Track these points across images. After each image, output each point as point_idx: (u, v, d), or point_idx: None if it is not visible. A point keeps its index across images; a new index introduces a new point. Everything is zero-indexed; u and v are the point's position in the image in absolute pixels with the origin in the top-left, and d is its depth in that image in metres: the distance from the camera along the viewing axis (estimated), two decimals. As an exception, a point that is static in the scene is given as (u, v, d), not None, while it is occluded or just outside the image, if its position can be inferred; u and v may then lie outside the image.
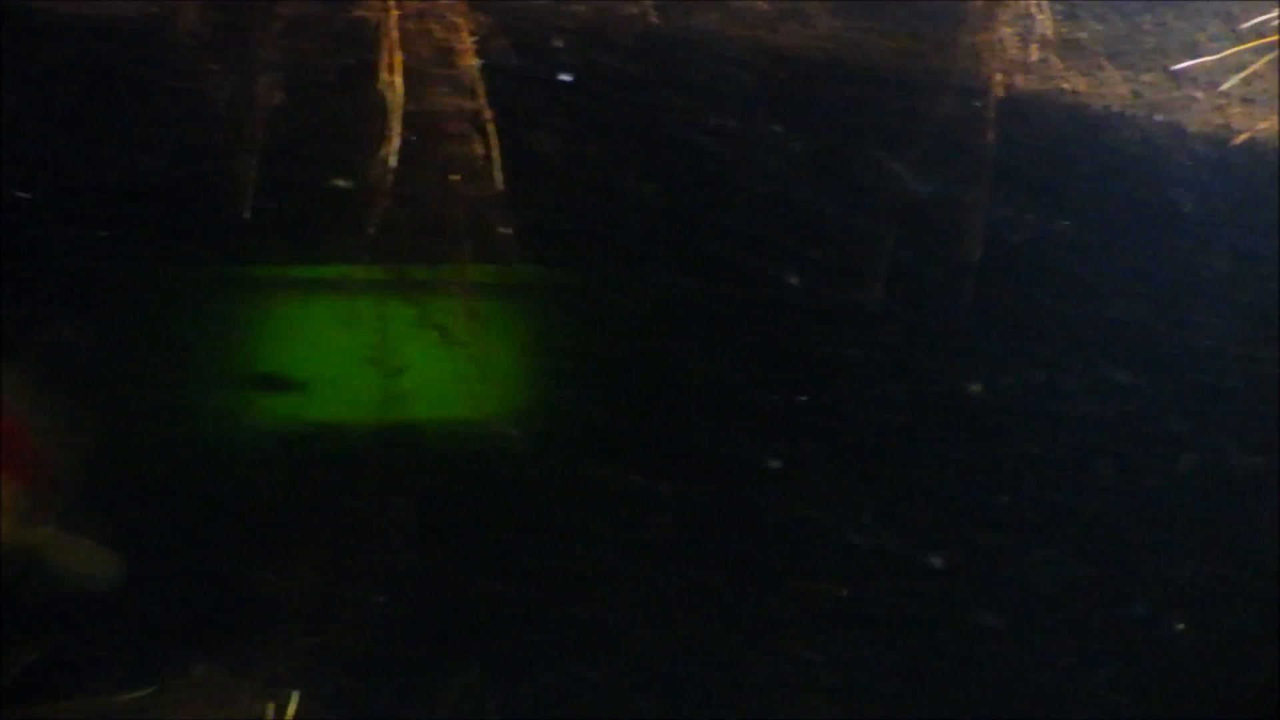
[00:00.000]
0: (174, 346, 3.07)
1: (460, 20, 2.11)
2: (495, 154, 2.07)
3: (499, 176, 2.06)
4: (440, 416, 2.94)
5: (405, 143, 2.01)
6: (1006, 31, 2.58)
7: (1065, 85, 2.60)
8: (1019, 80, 2.59)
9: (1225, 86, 2.63)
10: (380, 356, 2.56)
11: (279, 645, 2.86)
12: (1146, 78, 2.59)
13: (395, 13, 2.02)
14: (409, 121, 2.03)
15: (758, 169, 2.37)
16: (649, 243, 2.42)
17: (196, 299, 2.95)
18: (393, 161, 1.99)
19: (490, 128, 2.07)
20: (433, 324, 2.26)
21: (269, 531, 2.99)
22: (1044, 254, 2.71)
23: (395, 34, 2.02)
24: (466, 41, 2.10)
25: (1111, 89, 2.63)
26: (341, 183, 2.09)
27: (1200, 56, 2.60)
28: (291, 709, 2.66)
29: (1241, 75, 2.62)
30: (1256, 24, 2.62)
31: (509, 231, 2.15)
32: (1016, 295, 2.68)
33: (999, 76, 2.57)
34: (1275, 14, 2.62)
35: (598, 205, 2.35)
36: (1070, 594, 3.08)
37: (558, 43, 2.20)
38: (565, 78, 2.16)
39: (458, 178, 2.08)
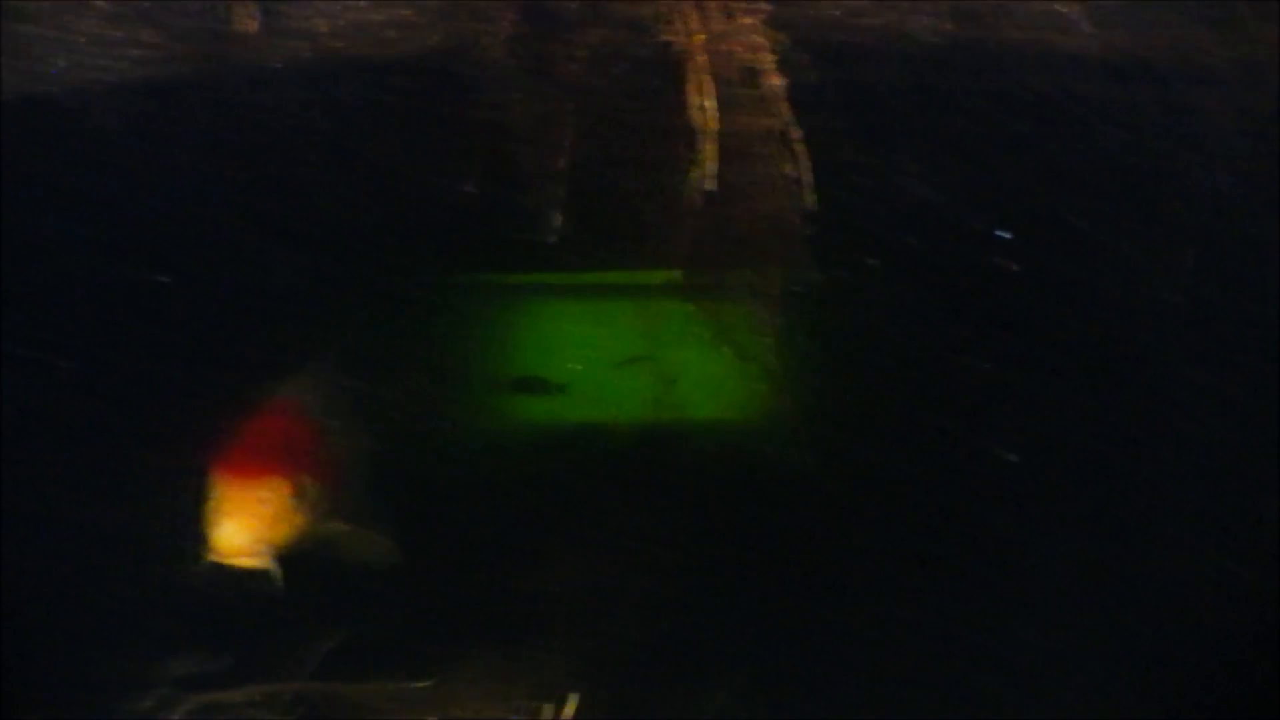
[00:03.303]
0: (473, 354, 3.24)
1: (761, 40, 2.12)
2: (805, 172, 2.07)
3: (809, 195, 2.06)
4: (720, 421, 2.99)
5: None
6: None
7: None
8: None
9: None
10: (664, 362, 2.60)
11: (554, 646, 2.96)
12: None
13: (701, 37, 2.05)
14: (718, 141, 2.05)
15: (1057, 172, 2.29)
16: (944, 249, 2.38)
17: (489, 309, 3.10)
18: (710, 185, 2.02)
19: (799, 147, 2.07)
20: (727, 335, 2.28)
21: (546, 532, 3.10)
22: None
23: (702, 59, 2.04)
24: (768, 61, 2.11)
25: None
26: (652, 206, 2.14)
27: None
28: (569, 711, 2.75)
29: None
30: None
31: (811, 243, 2.15)
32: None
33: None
34: None
35: (895, 212, 2.33)
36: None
37: (854, 56, 2.19)
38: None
39: (766, 195, 2.09)
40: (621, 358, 3.02)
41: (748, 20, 2.11)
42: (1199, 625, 2.96)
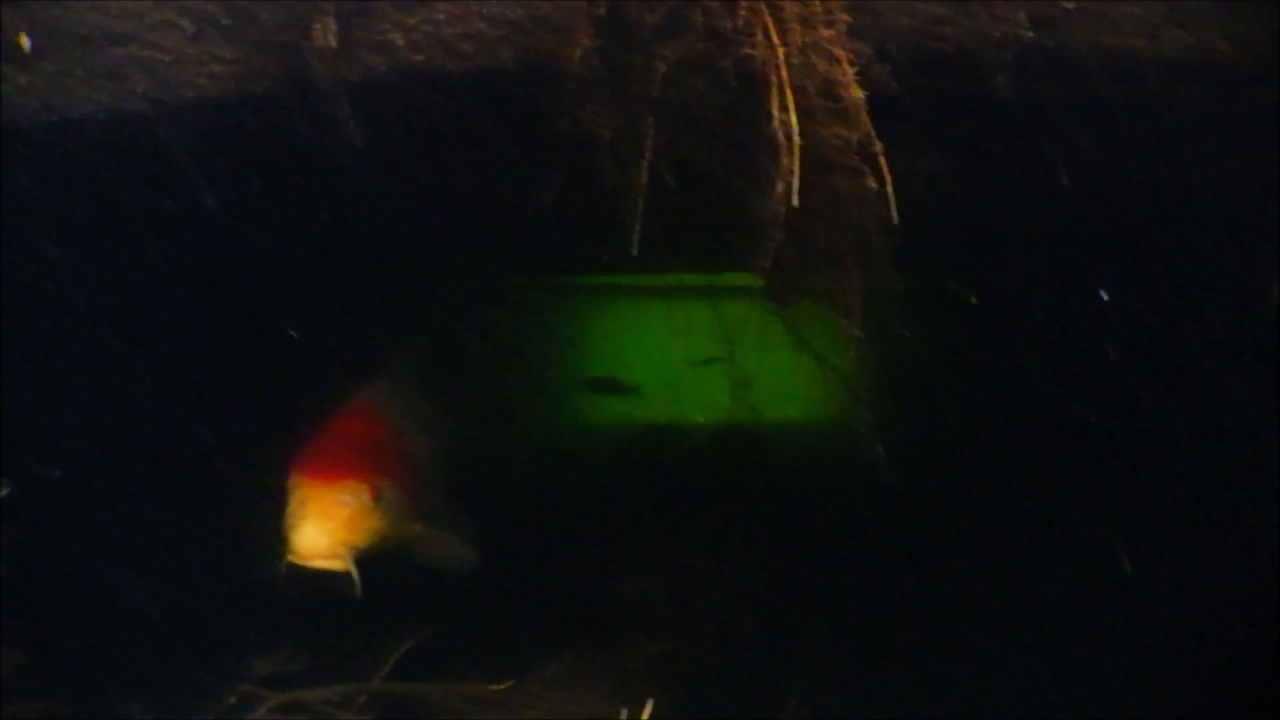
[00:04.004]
0: (548, 356, 3.28)
1: (841, 52, 2.10)
2: (888, 186, 2.06)
3: (892, 210, 2.05)
4: (795, 424, 3.00)
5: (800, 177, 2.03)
6: None
7: None
8: None
9: None
10: (740, 365, 2.60)
11: (631, 650, 2.99)
12: None
13: (782, 50, 2.04)
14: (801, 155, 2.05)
15: (1144, 181, 2.25)
16: (1027, 261, 2.35)
17: (564, 311, 3.14)
18: (794, 200, 2.02)
19: (881, 161, 2.06)
20: (803, 339, 2.27)
21: (621, 534, 3.13)
22: None
23: (784, 72, 2.04)
24: (849, 73, 2.10)
25: None
26: (733, 220, 2.14)
27: None
28: (645, 715, 2.77)
29: None
30: None
31: (890, 254, 2.14)
32: None
33: None
34: None
35: (975, 223, 2.31)
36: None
37: (933, 66, 2.17)
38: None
39: (846, 208, 2.08)
40: (697, 359, 3.04)
41: (827, 32, 2.10)
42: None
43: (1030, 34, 2.22)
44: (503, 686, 3.01)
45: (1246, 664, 2.79)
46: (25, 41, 2.42)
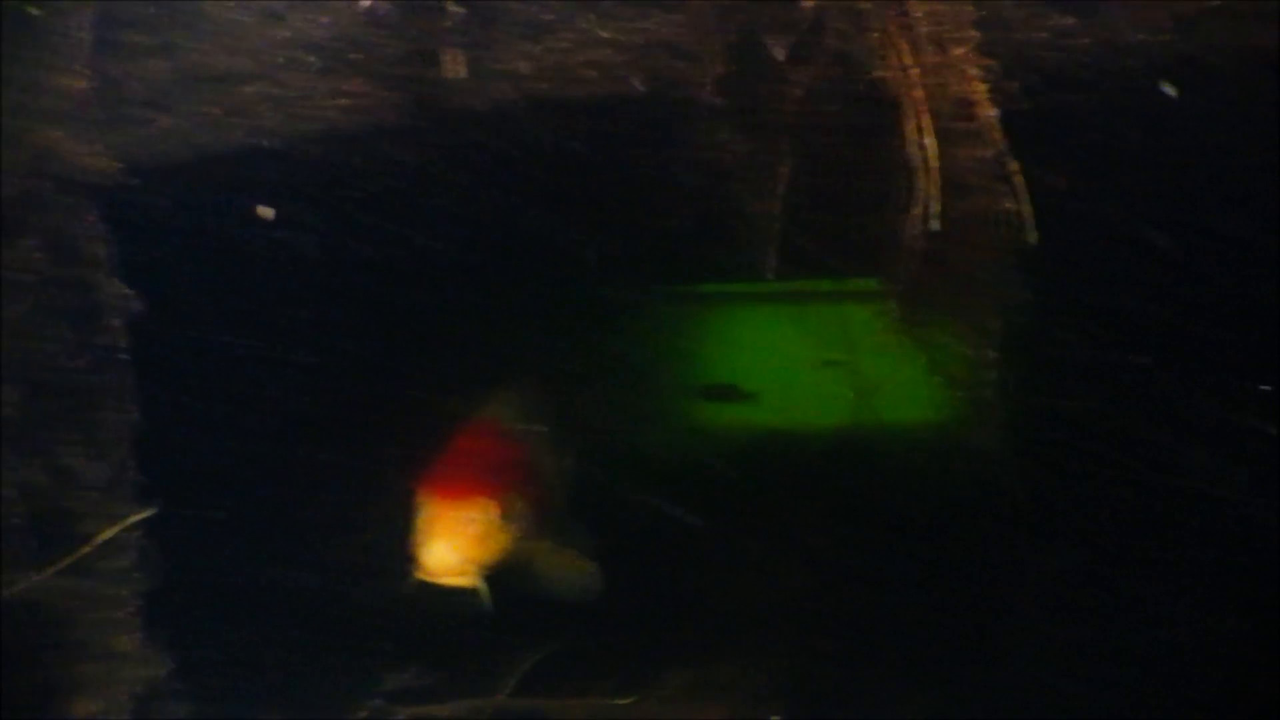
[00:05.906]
0: (673, 364, 3.29)
1: (973, 70, 2.09)
2: (1024, 206, 2.03)
3: (1031, 231, 2.03)
4: (918, 433, 2.97)
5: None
6: None
7: None
8: None
9: None
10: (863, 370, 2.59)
11: (756, 664, 3.00)
12: None
13: (916, 71, 2.03)
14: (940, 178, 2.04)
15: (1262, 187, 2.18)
16: (1171, 279, 2.31)
17: (684, 319, 3.14)
18: (934, 225, 2.01)
19: (1017, 179, 2.04)
20: (935, 361, 2.26)
21: (744, 546, 3.13)
22: None
23: (919, 94, 2.03)
24: (982, 91, 2.08)
25: None
26: (871, 245, 2.14)
27: None
28: (770, 732, 2.78)
29: None
30: None
31: (1025, 271, 2.12)
32: None
33: None
34: None
35: (1109, 240, 2.27)
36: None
37: (1066, 78, 2.14)
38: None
39: (985, 230, 2.07)
40: (819, 363, 3.02)
41: (959, 51, 2.09)
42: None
43: (1169, 37, 2.16)
44: (627, 700, 3.05)
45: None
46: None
